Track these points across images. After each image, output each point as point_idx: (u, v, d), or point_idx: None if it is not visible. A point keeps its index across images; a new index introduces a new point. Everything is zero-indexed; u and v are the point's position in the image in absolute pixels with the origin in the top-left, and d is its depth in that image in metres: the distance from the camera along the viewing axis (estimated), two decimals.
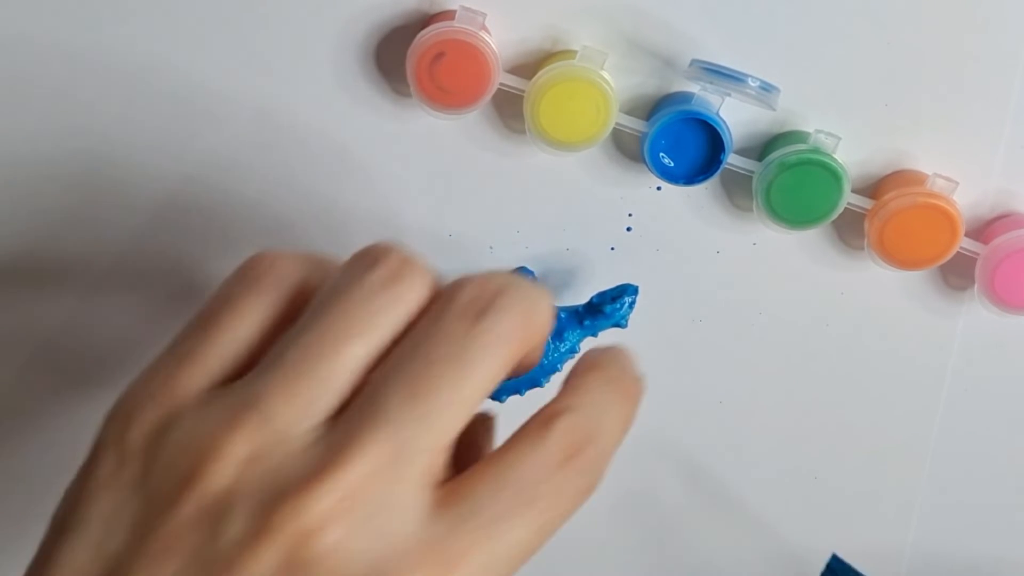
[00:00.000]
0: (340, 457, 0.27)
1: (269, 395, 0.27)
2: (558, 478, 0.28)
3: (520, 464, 0.28)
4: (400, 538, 0.27)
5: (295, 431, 0.27)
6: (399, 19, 0.39)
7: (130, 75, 0.40)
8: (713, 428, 0.46)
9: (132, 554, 0.27)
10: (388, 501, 0.27)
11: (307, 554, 0.26)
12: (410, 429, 0.27)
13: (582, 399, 0.30)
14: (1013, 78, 0.39)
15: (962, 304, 0.43)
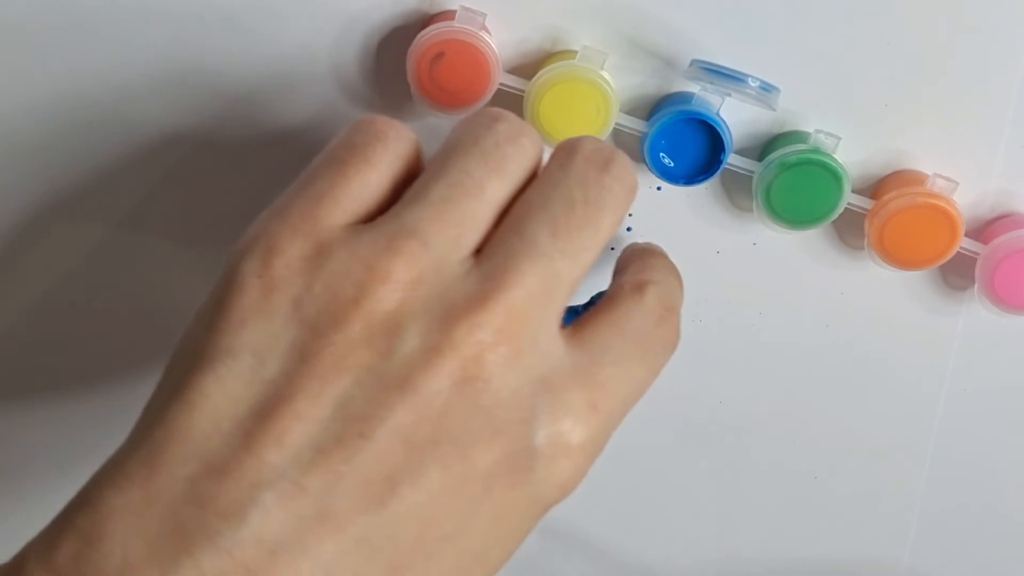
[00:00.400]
0: (502, 282, 0.29)
1: (425, 224, 0.29)
2: (659, 331, 0.32)
3: (631, 317, 0.32)
4: (555, 359, 0.29)
5: (451, 260, 0.29)
6: (399, 19, 0.39)
7: (130, 73, 0.40)
8: (713, 428, 0.46)
9: (296, 375, 0.28)
10: (542, 325, 0.29)
11: (479, 371, 0.28)
12: (559, 262, 0.30)
13: (660, 274, 0.34)
14: (1013, 78, 0.39)
15: (962, 304, 0.43)
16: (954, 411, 0.45)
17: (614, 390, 0.30)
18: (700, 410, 0.46)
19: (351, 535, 0.27)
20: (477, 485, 0.28)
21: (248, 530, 0.26)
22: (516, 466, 0.29)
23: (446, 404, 0.28)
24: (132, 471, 0.27)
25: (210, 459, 0.27)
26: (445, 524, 0.28)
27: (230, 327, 0.28)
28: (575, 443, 0.29)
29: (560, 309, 0.30)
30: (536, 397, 0.29)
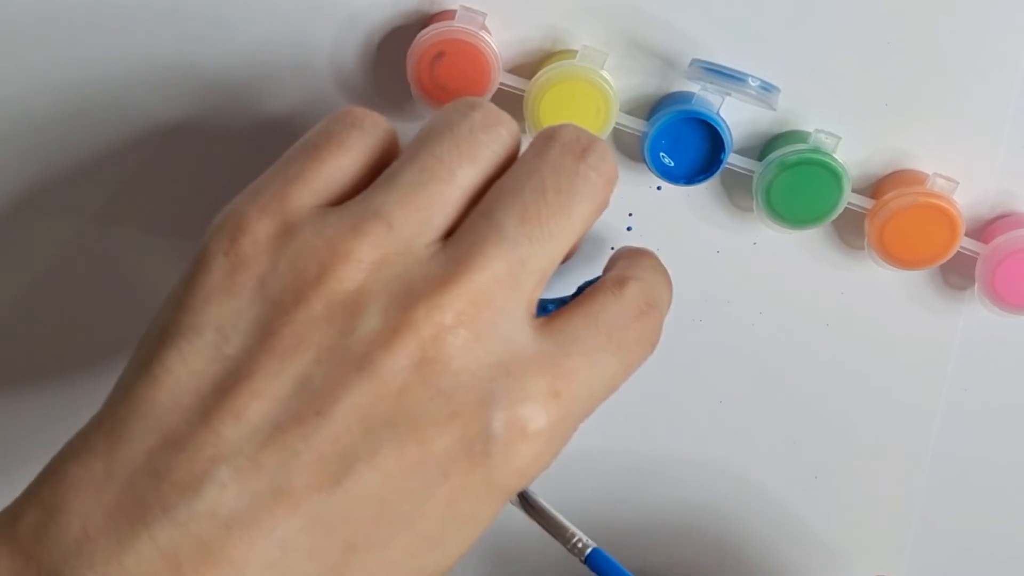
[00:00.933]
0: (466, 266, 0.29)
1: (392, 207, 0.29)
2: (636, 326, 0.32)
3: (607, 310, 0.32)
4: (519, 345, 0.29)
5: (417, 244, 0.29)
6: (399, 19, 0.39)
7: (129, 72, 0.40)
8: (713, 428, 0.46)
9: (256, 352, 0.28)
10: (507, 311, 0.29)
11: (438, 353, 0.28)
12: (525, 248, 0.30)
13: (644, 272, 0.34)
14: (1013, 78, 0.39)
15: (962, 304, 0.43)
16: (954, 411, 0.45)
17: (580, 380, 0.30)
18: (700, 410, 0.46)
19: (306, 512, 0.27)
20: (433, 467, 0.28)
21: (203, 504, 0.26)
22: (473, 450, 0.29)
23: (404, 385, 0.28)
24: (95, 444, 0.27)
25: (170, 433, 0.27)
26: (401, 505, 0.28)
27: (196, 304, 0.29)
28: (533, 429, 0.29)
29: (529, 295, 0.30)
30: (495, 381, 0.29)
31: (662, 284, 0.34)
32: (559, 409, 0.30)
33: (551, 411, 0.29)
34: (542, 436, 0.29)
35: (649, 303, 0.33)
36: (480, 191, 0.31)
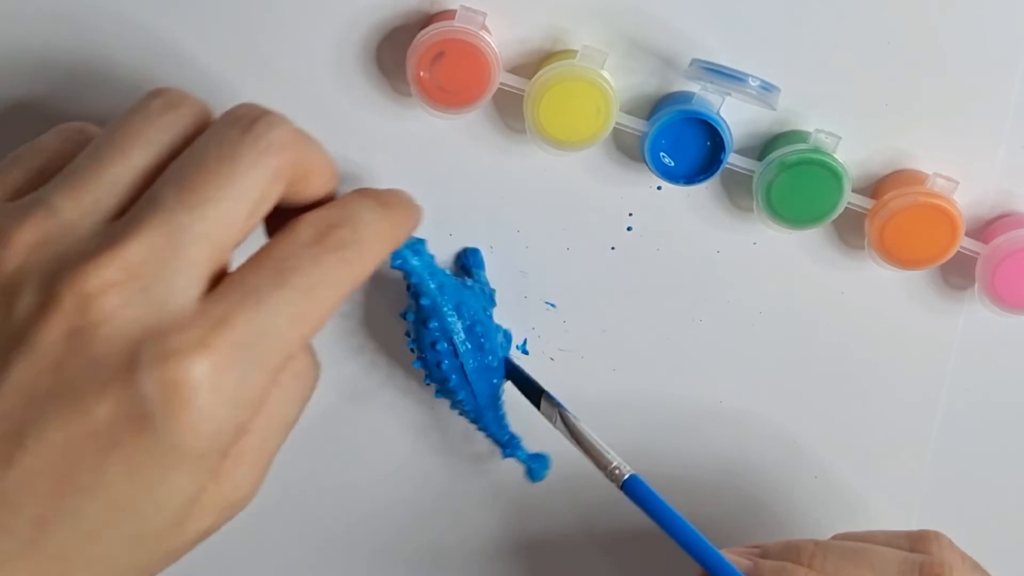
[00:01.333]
0: (119, 239, 0.30)
1: (56, 194, 0.31)
2: (311, 252, 0.31)
3: (274, 246, 0.32)
4: (174, 307, 0.30)
5: (81, 224, 0.30)
6: (399, 19, 0.39)
7: (129, 72, 0.40)
8: (713, 428, 0.46)
9: None
10: (164, 277, 0.30)
11: (87, 320, 0.29)
12: (182, 216, 0.30)
13: (336, 202, 0.34)
14: (1013, 78, 0.39)
15: (962, 304, 0.43)
16: (954, 410, 0.45)
17: (240, 323, 0.30)
18: (700, 409, 0.46)
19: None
20: (102, 436, 0.29)
21: None
22: (134, 414, 0.29)
23: (60, 357, 0.29)
24: None
25: None
26: (79, 476, 0.29)
27: None
28: (186, 384, 0.29)
29: (194, 259, 0.30)
30: (143, 344, 0.29)
31: (364, 206, 0.33)
32: (215, 358, 0.29)
33: (202, 363, 0.29)
34: (201, 389, 0.29)
35: (335, 223, 0.32)
36: (160, 170, 0.32)
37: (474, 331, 0.41)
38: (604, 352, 0.44)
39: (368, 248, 0.33)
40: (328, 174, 0.34)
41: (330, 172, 0.34)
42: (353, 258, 0.32)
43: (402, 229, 0.35)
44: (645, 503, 0.39)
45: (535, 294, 0.44)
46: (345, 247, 0.32)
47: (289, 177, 0.32)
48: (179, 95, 0.33)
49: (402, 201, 0.35)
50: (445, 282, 0.40)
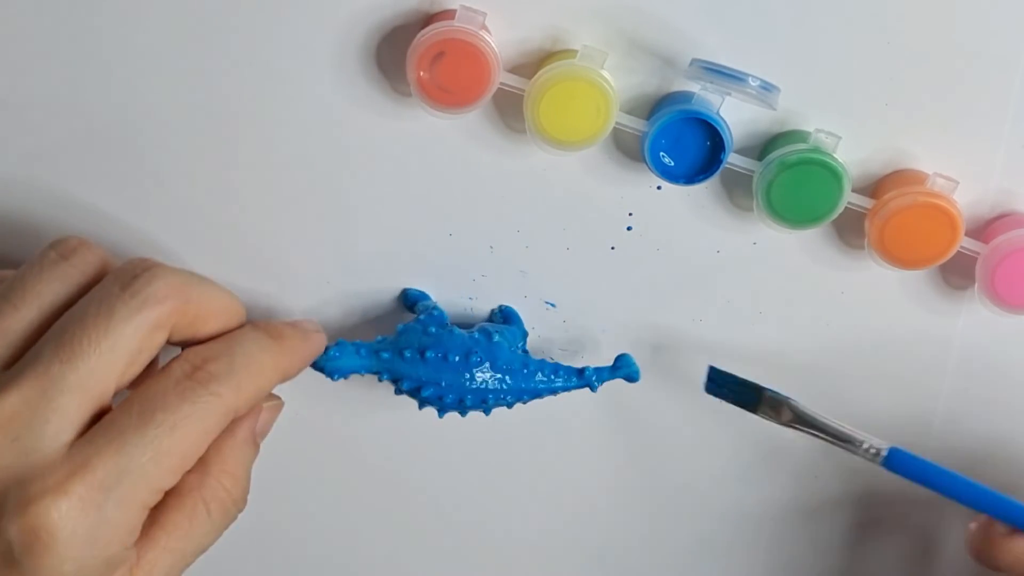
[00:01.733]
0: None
1: None
2: (179, 388, 0.34)
3: (148, 384, 0.34)
4: (41, 455, 0.32)
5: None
6: (399, 19, 0.39)
7: (130, 72, 0.40)
8: (713, 428, 0.46)
9: None
10: (34, 427, 0.32)
11: None
12: (56, 368, 0.33)
13: (222, 336, 0.37)
14: (1013, 78, 0.39)
15: (962, 303, 0.43)
16: (954, 410, 0.45)
17: (102, 465, 0.32)
18: (700, 409, 0.46)
19: None
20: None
21: None
22: (4, 556, 0.31)
23: None
24: None
25: None
26: None
27: None
28: (45, 528, 0.31)
29: (67, 408, 0.33)
30: (8, 491, 0.32)
31: (246, 339, 0.37)
32: (73, 501, 0.32)
33: (59, 507, 0.32)
34: (59, 533, 0.31)
35: (206, 359, 0.35)
36: (55, 319, 0.35)
37: (469, 362, 0.40)
38: (604, 352, 0.44)
39: (245, 379, 0.35)
40: (226, 313, 0.37)
41: (228, 311, 0.37)
42: (225, 391, 0.35)
43: (292, 359, 0.38)
44: (913, 472, 0.39)
45: (535, 294, 0.44)
46: (217, 380, 0.35)
47: (172, 325, 0.35)
48: (72, 246, 0.36)
49: (296, 332, 0.38)
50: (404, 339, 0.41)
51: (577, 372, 0.42)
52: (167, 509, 0.36)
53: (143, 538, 0.35)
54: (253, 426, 0.39)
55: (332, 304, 0.44)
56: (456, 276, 0.43)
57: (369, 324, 0.44)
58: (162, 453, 0.33)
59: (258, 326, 0.38)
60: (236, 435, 0.38)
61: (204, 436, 0.34)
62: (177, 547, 0.36)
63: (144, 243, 0.43)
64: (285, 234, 0.43)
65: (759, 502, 0.48)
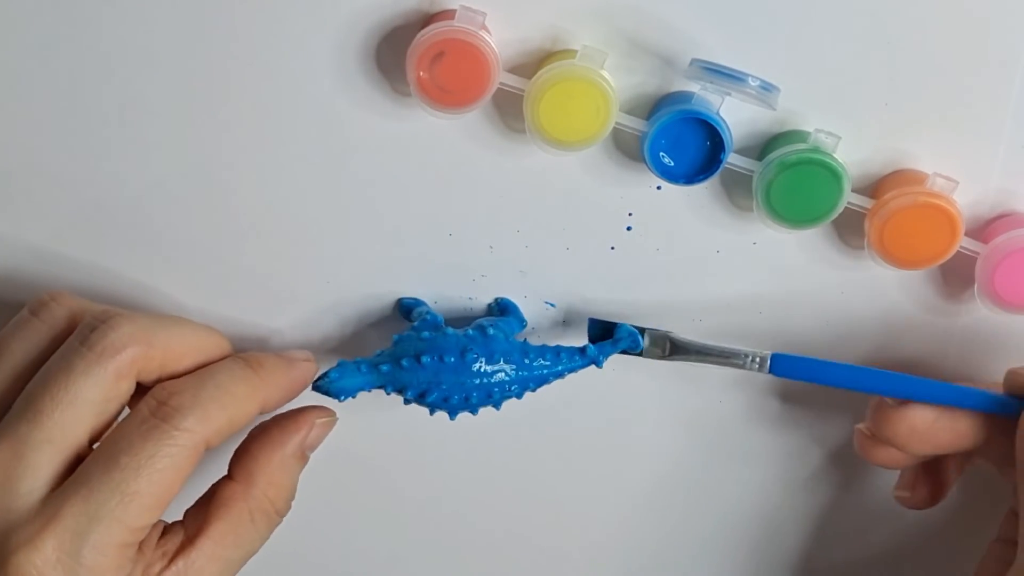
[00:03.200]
0: None
1: None
2: (142, 428, 0.35)
3: (113, 432, 0.36)
4: (17, 512, 0.34)
5: None
6: (399, 19, 0.39)
7: (130, 72, 0.40)
8: (713, 428, 0.46)
9: None
10: (9, 486, 0.34)
11: None
12: (22, 427, 0.35)
13: (195, 371, 0.38)
14: (1013, 78, 0.39)
15: (962, 303, 0.43)
16: None
17: (67, 516, 0.34)
18: (700, 409, 0.46)
19: None
20: None
21: None
22: None
23: None
24: None
25: None
26: None
27: None
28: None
29: (38, 467, 0.34)
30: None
31: (209, 370, 0.37)
32: (45, 552, 0.33)
33: (32, 558, 0.33)
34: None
35: (171, 393, 0.36)
36: (31, 374, 0.36)
37: (465, 363, 0.40)
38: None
39: (214, 410, 0.36)
40: (201, 350, 0.38)
41: (203, 348, 0.38)
42: (192, 423, 0.36)
43: (272, 387, 0.39)
44: (798, 371, 0.41)
45: (535, 294, 0.44)
46: (181, 414, 0.36)
47: (138, 371, 0.37)
48: (43, 302, 0.38)
49: (278, 361, 0.39)
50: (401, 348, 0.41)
51: (579, 351, 0.41)
52: (213, 519, 0.37)
53: (192, 546, 0.37)
54: (302, 440, 0.39)
55: (331, 306, 0.44)
56: (456, 276, 0.43)
57: (369, 328, 0.44)
58: (130, 495, 0.34)
59: (238, 357, 0.39)
60: (285, 448, 0.39)
61: (175, 472, 0.35)
62: (224, 555, 0.37)
63: (143, 244, 0.43)
64: (283, 234, 0.43)
65: (757, 499, 0.48)
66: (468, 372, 0.40)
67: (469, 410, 0.41)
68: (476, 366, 0.40)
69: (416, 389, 0.40)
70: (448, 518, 0.48)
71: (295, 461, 0.39)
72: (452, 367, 0.40)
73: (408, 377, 0.40)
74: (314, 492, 0.48)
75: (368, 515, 0.48)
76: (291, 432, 0.39)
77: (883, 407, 0.41)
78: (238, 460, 0.39)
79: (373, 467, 0.47)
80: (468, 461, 0.47)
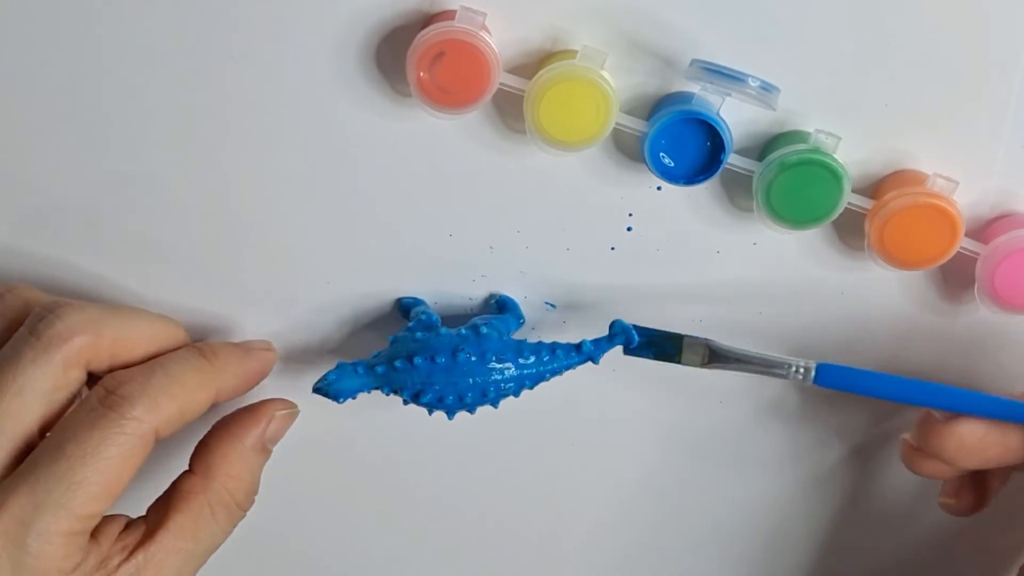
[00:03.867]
0: None
1: None
2: (90, 417, 0.35)
3: (62, 420, 0.36)
4: None
5: None
6: (399, 19, 0.39)
7: (130, 73, 0.40)
8: (713, 428, 0.46)
9: None
10: None
11: None
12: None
13: (142, 365, 0.37)
14: (1013, 78, 0.39)
15: (962, 304, 0.43)
16: None
17: (13, 505, 0.34)
18: (700, 410, 0.46)
19: None
20: None
21: None
22: None
23: None
24: None
25: None
26: None
27: None
28: None
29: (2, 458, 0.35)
30: None
31: (160, 360, 0.38)
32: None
33: None
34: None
35: (119, 382, 0.36)
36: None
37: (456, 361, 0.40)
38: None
39: (164, 398, 0.36)
40: (154, 339, 0.38)
41: (157, 337, 0.38)
42: (140, 412, 0.36)
43: (226, 376, 0.39)
44: (844, 382, 0.40)
45: (535, 294, 0.44)
46: (128, 403, 0.36)
47: (87, 360, 0.36)
48: None
49: (234, 351, 0.39)
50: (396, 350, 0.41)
51: (575, 348, 0.41)
52: (173, 511, 0.37)
53: (151, 540, 0.37)
54: (261, 433, 0.39)
55: (331, 306, 0.44)
56: (456, 276, 0.43)
57: (368, 328, 0.44)
58: (76, 484, 0.34)
59: (193, 346, 0.39)
60: (243, 441, 0.39)
61: (123, 461, 0.35)
62: (183, 548, 0.37)
63: (139, 246, 0.43)
64: (283, 234, 0.43)
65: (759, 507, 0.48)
66: (460, 372, 0.40)
67: (466, 409, 0.41)
68: (468, 367, 0.40)
69: (411, 390, 0.40)
70: (446, 517, 0.48)
71: (255, 454, 0.39)
72: (444, 367, 0.40)
73: (403, 378, 0.40)
74: (313, 491, 0.48)
75: (365, 514, 0.48)
76: (249, 425, 0.39)
77: (931, 420, 0.40)
78: (198, 454, 0.39)
79: (371, 466, 0.47)
80: (468, 461, 0.47)
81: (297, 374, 0.44)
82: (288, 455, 0.41)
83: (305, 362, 0.44)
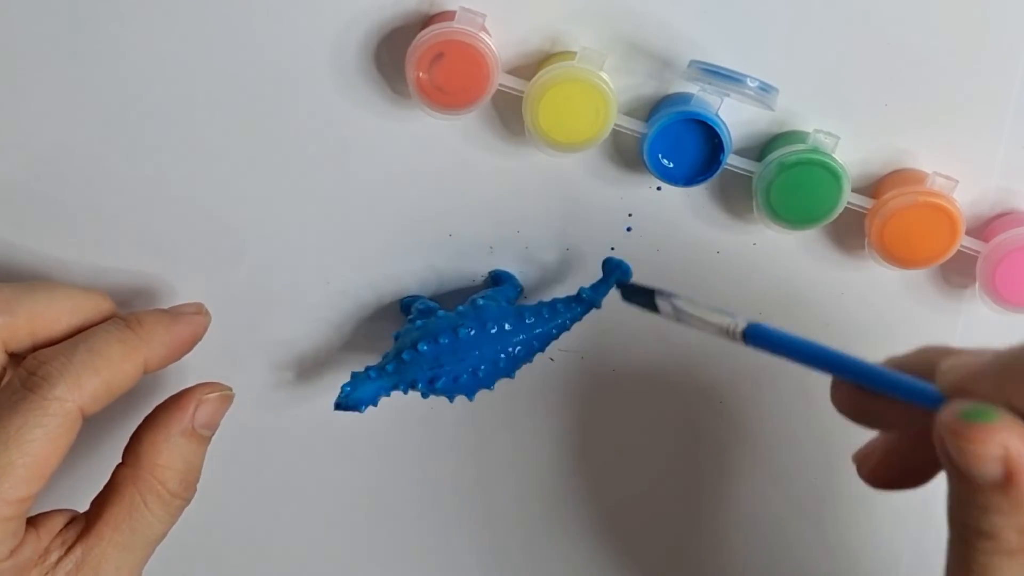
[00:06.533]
0: None
1: None
2: (12, 399, 0.34)
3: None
4: None
5: None
6: (399, 19, 0.39)
7: (130, 74, 0.40)
8: (713, 429, 0.46)
9: None
10: None
11: None
12: None
13: (64, 342, 0.36)
14: (1013, 78, 0.39)
15: (963, 302, 0.43)
16: None
17: None
18: (700, 410, 0.46)
19: None
20: None
21: None
22: None
23: None
24: None
25: None
26: None
27: None
28: None
29: None
30: None
31: (81, 336, 0.37)
32: None
33: None
34: None
35: (40, 362, 0.35)
36: None
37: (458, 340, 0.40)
38: (604, 352, 0.44)
39: (87, 375, 0.35)
40: (75, 313, 0.37)
41: (78, 310, 0.37)
42: (61, 391, 0.35)
43: (153, 345, 0.38)
44: (773, 344, 0.36)
45: (535, 294, 0.44)
46: (49, 383, 0.35)
47: (3, 341, 0.36)
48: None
49: (160, 317, 0.38)
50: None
51: (575, 299, 0.41)
52: (108, 504, 0.37)
53: (89, 534, 0.37)
54: (189, 418, 0.38)
55: (331, 307, 0.44)
56: (456, 276, 0.43)
57: (369, 329, 0.44)
58: (2, 468, 0.34)
59: (117, 318, 0.38)
60: (170, 428, 0.38)
61: (49, 443, 0.34)
62: (121, 540, 0.37)
63: (142, 243, 0.43)
64: (283, 234, 0.43)
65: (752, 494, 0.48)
66: (465, 347, 0.39)
67: (484, 386, 0.40)
68: (472, 340, 0.39)
69: (424, 379, 0.40)
70: (446, 517, 0.48)
71: (185, 440, 0.38)
72: (449, 347, 0.39)
73: (413, 369, 0.40)
74: (313, 491, 0.48)
75: (361, 512, 0.48)
76: (174, 411, 0.38)
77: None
78: (128, 445, 0.39)
79: (367, 465, 0.47)
80: (468, 460, 0.47)
81: (297, 374, 0.44)
82: (280, 449, 0.41)
83: (306, 362, 0.45)
